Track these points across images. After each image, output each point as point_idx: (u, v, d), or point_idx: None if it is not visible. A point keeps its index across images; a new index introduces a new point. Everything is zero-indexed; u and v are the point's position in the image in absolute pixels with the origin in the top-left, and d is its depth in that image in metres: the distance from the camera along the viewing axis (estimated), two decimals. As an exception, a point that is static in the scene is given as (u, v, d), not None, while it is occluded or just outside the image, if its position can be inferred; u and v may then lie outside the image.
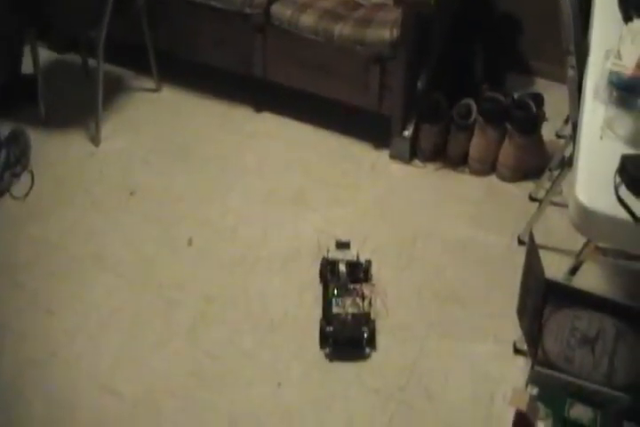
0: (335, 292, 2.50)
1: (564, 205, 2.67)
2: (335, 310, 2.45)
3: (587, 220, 1.78)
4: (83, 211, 2.96)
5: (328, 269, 2.59)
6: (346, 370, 2.43)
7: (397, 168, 3.12)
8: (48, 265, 2.76)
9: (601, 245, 2.12)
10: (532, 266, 2.17)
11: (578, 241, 2.12)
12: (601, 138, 1.90)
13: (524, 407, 1.89)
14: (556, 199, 2.68)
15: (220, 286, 2.69)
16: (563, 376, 2.02)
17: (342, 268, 2.55)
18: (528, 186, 2.99)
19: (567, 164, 2.58)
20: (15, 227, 2.89)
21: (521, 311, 2.20)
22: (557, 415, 1.92)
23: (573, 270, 2.23)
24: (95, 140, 3.24)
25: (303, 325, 2.55)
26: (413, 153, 3.14)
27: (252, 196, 3.01)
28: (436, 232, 2.85)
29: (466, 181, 3.05)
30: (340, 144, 3.21)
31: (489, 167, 3.06)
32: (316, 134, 3.26)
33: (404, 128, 3.08)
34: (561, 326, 2.14)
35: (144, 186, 3.06)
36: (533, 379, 2.05)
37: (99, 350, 2.51)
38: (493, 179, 3.05)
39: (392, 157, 3.15)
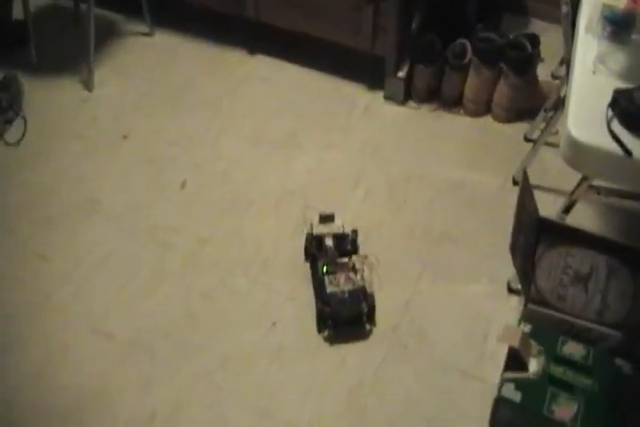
0: (325, 269, 2.40)
1: (559, 146, 2.67)
2: (330, 289, 2.35)
3: (578, 153, 1.78)
4: (76, 156, 2.94)
5: (314, 246, 2.48)
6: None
7: (391, 109, 3.09)
8: (41, 210, 2.76)
9: (594, 183, 2.10)
10: (526, 204, 2.16)
11: (572, 181, 2.10)
12: (593, 73, 1.89)
13: (514, 344, 1.90)
14: (551, 140, 2.65)
15: (212, 229, 2.69)
16: (555, 314, 2.03)
17: (329, 242, 2.46)
18: (523, 127, 2.96)
19: (562, 104, 2.56)
20: (8, 172, 2.89)
21: (514, 249, 2.20)
22: (549, 352, 1.93)
23: (567, 209, 2.22)
24: (88, 85, 3.21)
25: (296, 266, 2.55)
26: (407, 94, 3.11)
27: (245, 138, 3.00)
28: (429, 173, 2.83)
29: (460, 121, 3.03)
30: (333, 86, 3.18)
31: (483, 108, 3.03)
32: (310, 76, 3.22)
33: (397, 69, 3.05)
34: (554, 264, 2.15)
35: (137, 130, 3.04)
36: (526, 317, 2.06)
37: (92, 293, 2.52)
38: (488, 120, 3.03)
39: (386, 98, 3.12)
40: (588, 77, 1.88)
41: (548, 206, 2.36)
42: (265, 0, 3.09)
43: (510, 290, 2.44)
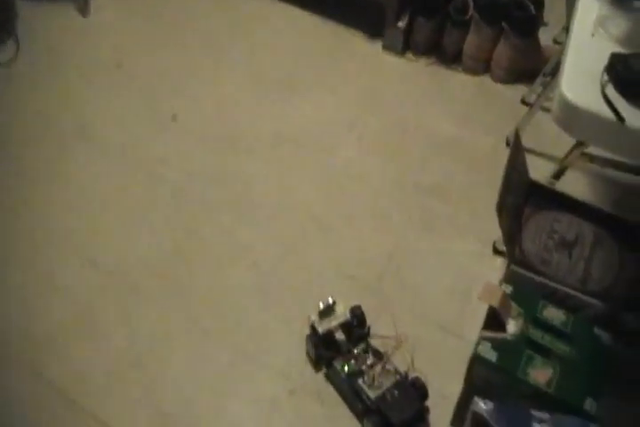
0: (346, 369, 2.04)
1: (553, 109, 2.68)
2: (372, 393, 1.97)
3: (570, 116, 1.78)
4: (68, 81, 2.92)
5: (323, 347, 2.11)
6: (324, 256, 2.45)
7: (389, 60, 3.08)
8: (31, 134, 2.75)
9: (588, 151, 2.12)
10: (516, 165, 2.16)
11: (565, 148, 2.11)
12: (592, 35, 1.88)
13: (494, 303, 1.92)
14: (548, 104, 2.66)
15: (202, 163, 2.69)
16: (538, 278, 2.05)
17: (340, 336, 2.11)
18: (521, 89, 2.96)
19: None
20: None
21: (500, 209, 2.20)
22: (529, 316, 1.94)
23: (558, 175, 2.24)
24: (84, 11, 3.16)
25: (284, 209, 2.57)
26: (406, 46, 3.10)
27: (241, 77, 2.98)
28: (423, 127, 2.83)
29: (458, 78, 3.02)
30: (333, 32, 3.16)
31: (482, 66, 3.02)
32: (311, 20, 3.20)
33: (398, 19, 3.02)
34: (540, 228, 2.17)
35: (132, 59, 3.01)
36: (508, 278, 2.07)
37: (77, 223, 2.53)
38: (486, 79, 3.02)
39: (385, 47, 3.11)
40: (587, 40, 1.86)
41: (540, 171, 2.36)
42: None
43: (496, 251, 2.46)
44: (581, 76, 1.77)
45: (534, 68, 2.90)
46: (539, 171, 2.35)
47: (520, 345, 1.89)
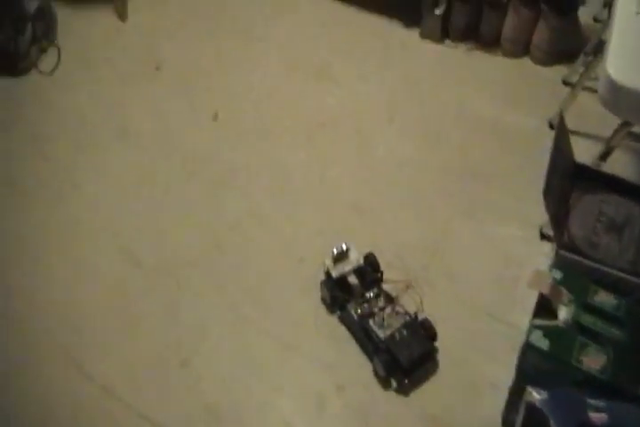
0: (359, 311, 2.12)
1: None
2: (382, 333, 2.05)
3: (616, 96, 1.74)
4: (109, 85, 2.94)
5: (337, 291, 2.19)
6: (367, 245, 2.38)
7: (428, 47, 3.04)
8: (74, 138, 2.78)
9: (634, 130, 2.07)
10: (561, 147, 2.12)
11: (610, 128, 2.07)
12: (637, 13, 1.84)
13: (544, 290, 1.89)
14: (590, 84, 2.61)
15: (243, 159, 2.69)
16: (587, 262, 2.00)
17: (353, 280, 2.19)
18: (562, 70, 2.90)
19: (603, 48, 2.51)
20: (42, 100, 2.90)
21: (547, 193, 2.17)
22: (580, 301, 1.91)
23: (604, 156, 2.19)
24: (121, 15, 3.18)
25: (326, 201, 2.56)
26: (445, 32, 3.06)
27: (279, 70, 2.98)
28: (464, 112, 2.80)
29: (498, 62, 2.97)
30: (370, 21, 3.13)
31: (522, 49, 2.97)
32: (347, 11, 3.17)
33: (435, 6, 2.98)
34: (588, 211, 2.12)
35: (170, 60, 3.03)
36: (557, 263, 2.04)
37: (121, 220, 2.56)
38: (526, 61, 2.97)
39: (423, 35, 3.07)
40: (631, 18, 1.83)
41: (585, 153, 2.31)
42: None
43: (543, 236, 2.42)
44: (627, 54, 1.73)
45: (575, 47, 2.85)
46: (584, 152, 2.30)
47: (572, 332, 1.85)
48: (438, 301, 2.30)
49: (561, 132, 2.12)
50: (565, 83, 2.86)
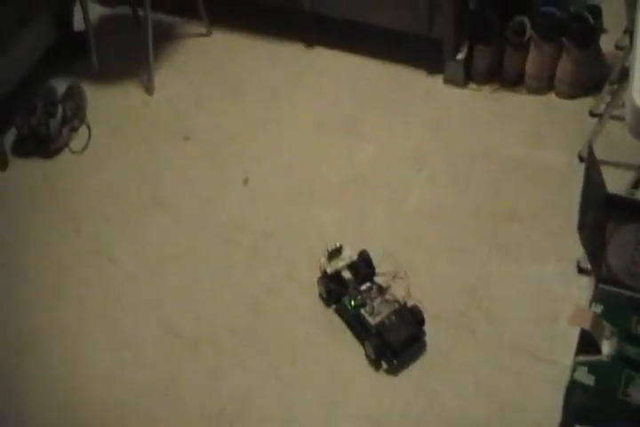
0: (353, 303, 2.28)
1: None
2: (373, 320, 2.23)
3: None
4: (139, 158, 2.98)
5: (333, 286, 2.36)
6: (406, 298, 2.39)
7: (452, 93, 3.03)
8: (107, 212, 2.81)
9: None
10: (592, 179, 2.08)
11: (640, 154, 2.04)
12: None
13: (585, 326, 1.83)
14: (617, 113, 2.56)
15: (276, 222, 2.69)
16: (628, 293, 1.94)
17: (347, 275, 2.36)
18: (587, 102, 2.86)
19: (628, 75, 2.47)
20: (75, 179, 2.95)
21: (582, 228, 2.12)
22: (623, 333, 1.85)
23: (636, 184, 2.15)
24: (149, 88, 3.24)
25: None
26: (468, 76, 3.05)
27: (305, 129, 2.99)
28: (493, 153, 2.77)
29: (523, 100, 2.94)
30: (392, 72, 3.13)
31: (546, 85, 2.94)
32: (368, 64, 3.18)
33: (456, 51, 2.99)
34: (625, 242, 2.06)
35: (198, 129, 3.05)
36: (597, 297, 1.98)
37: (159, 292, 2.56)
38: (551, 96, 2.93)
39: (446, 81, 3.06)
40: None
41: (617, 182, 2.28)
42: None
43: (580, 270, 2.37)
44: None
45: (599, 77, 2.82)
46: (616, 182, 2.27)
47: (617, 365, 1.79)
48: (479, 345, 2.26)
49: (591, 164, 2.08)
50: (592, 114, 2.81)
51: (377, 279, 2.37)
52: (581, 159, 2.65)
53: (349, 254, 2.39)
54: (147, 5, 3.07)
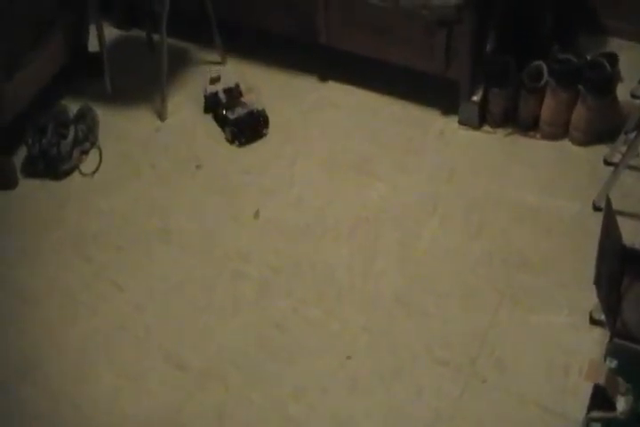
0: (224, 111, 3.10)
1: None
2: (231, 116, 3.07)
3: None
4: (149, 185, 2.96)
5: (212, 104, 3.18)
6: (415, 341, 2.39)
7: (466, 134, 3.03)
8: (116, 239, 2.78)
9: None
10: (610, 232, 2.08)
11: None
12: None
13: (600, 382, 1.82)
14: (633, 163, 2.57)
15: (285, 257, 2.67)
16: (643, 349, 1.95)
17: (221, 95, 3.15)
18: (602, 150, 2.87)
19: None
20: (84, 202, 2.92)
21: (598, 281, 2.11)
22: (638, 390, 1.84)
23: (653, 237, 2.14)
24: (161, 114, 3.23)
25: (371, 295, 2.53)
26: (482, 118, 3.05)
27: (318, 164, 2.98)
28: (506, 198, 2.77)
29: (537, 145, 2.95)
30: (406, 111, 3.14)
31: (561, 131, 2.95)
32: (382, 101, 3.18)
33: (472, 93, 3.00)
34: (640, 297, 2.06)
35: (209, 159, 3.04)
36: (612, 351, 1.97)
37: (166, 324, 2.53)
38: (566, 143, 2.94)
39: (461, 122, 3.07)
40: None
41: (632, 234, 2.28)
42: (336, 26, 3.08)
43: (593, 321, 2.36)
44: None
45: (614, 126, 2.82)
46: (632, 233, 2.27)
47: (632, 423, 1.79)
48: (488, 394, 2.24)
49: (609, 217, 2.07)
50: (607, 163, 2.82)
51: (243, 99, 3.17)
52: (595, 208, 2.65)
53: (227, 83, 3.22)
54: (163, 30, 3.07)
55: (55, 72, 3.19)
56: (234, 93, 3.19)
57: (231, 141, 3.09)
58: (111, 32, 3.55)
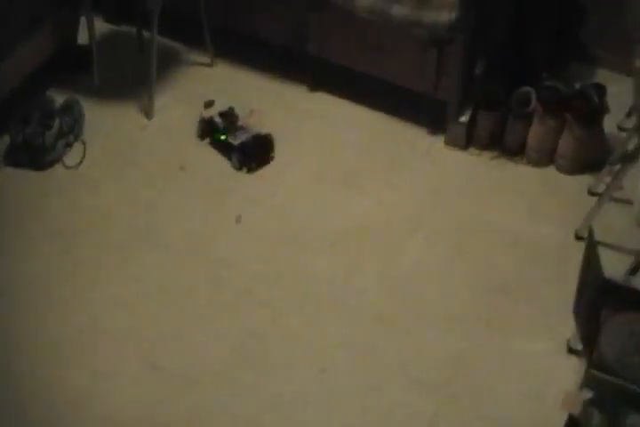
0: (223, 137, 3.01)
1: (625, 201, 2.61)
2: (235, 142, 2.98)
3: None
4: (133, 184, 2.94)
5: (207, 129, 3.07)
6: (392, 359, 2.40)
7: (452, 155, 3.05)
8: (96, 235, 2.76)
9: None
10: (591, 263, 2.10)
11: (639, 239, 2.05)
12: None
13: (575, 412, 1.84)
14: (617, 195, 2.61)
15: (266, 265, 2.67)
16: (619, 382, 1.96)
17: (217, 119, 3.05)
18: (587, 179, 2.90)
19: (629, 158, 2.51)
20: (66, 196, 2.90)
21: (577, 311, 2.14)
22: (612, 423, 1.86)
23: (634, 270, 2.17)
24: (148, 112, 3.21)
25: (350, 310, 2.54)
26: (469, 140, 3.07)
27: (303, 175, 2.98)
28: (489, 223, 2.79)
29: (522, 171, 2.98)
30: (394, 127, 3.14)
31: (547, 158, 2.98)
32: (371, 116, 3.18)
33: (460, 114, 3.02)
34: (618, 330, 2.08)
35: (194, 161, 3.03)
36: (588, 382, 2.00)
37: (141, 324, 2.52)
38: (551, 170, 2.97)
39: (447, 142, 3.08)
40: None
41: (613, 266, 2.29)
42: (328, 38, 3.08)
43: (570, 350, 2.38)
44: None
45: (600, 157, 2.86)
46: (613, 265, 2.29)
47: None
48: (461, 417, 2.25)
49: (590, 248, 2.10)
50: (591, 193, 2.85)
51: (240, 122, 3.07)
52: (577, 237, 2.68)
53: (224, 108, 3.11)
54: (154, 28, 3.05)
55: (42, 63, 3.16)
56: (230, 117, 3.08)
57: (239, 168, 2.98)
58: (101, 26, 3.51)
